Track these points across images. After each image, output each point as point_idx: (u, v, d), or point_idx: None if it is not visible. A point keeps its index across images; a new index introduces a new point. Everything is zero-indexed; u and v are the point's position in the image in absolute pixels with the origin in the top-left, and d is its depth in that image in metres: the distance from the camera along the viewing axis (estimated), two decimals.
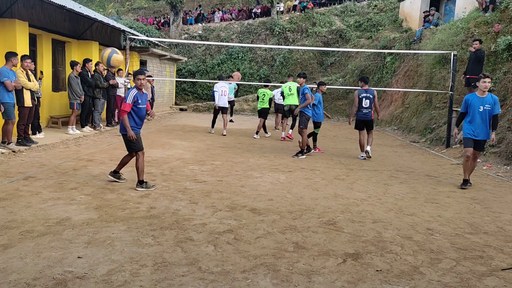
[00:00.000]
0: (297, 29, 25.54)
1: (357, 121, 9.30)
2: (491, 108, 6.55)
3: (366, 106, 9.05)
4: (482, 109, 6.57)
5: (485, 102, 6.58)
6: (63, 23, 11.93)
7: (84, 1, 37.65)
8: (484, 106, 6.56)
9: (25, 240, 3.75)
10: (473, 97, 6.73)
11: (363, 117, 9.16)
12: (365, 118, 9.14)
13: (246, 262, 3.49)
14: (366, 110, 9.06)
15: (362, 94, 9.10)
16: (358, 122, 9.28)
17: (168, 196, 5.45)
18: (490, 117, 6.60)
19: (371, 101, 9.07)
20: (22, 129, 8.32)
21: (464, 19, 14.01)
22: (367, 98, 9.05)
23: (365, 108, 9.06)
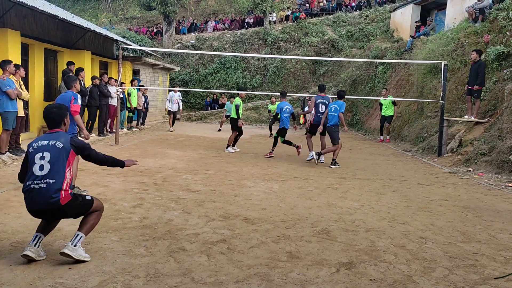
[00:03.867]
0: (289, 38, 25.73)
1: (312, 125, 9.82)
2: None
3: (323, 111, 9.54)
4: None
5: None
6: (56, 33, 11.92)
7: (76, 10, 37.72)
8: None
9: (16, 251, 3.69)
10: None
11: (319, 121, 9.61)
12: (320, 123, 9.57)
13: (239, 272, 3.47)
14: (322, 114, 9.54)
15: (318, 99, 9.68)
16: (313, 126, 9.80)
17: (160, 206, 5.41)
18: None
19: (327, 107, 9.50)
20: (13, 139, 8.25)
21: (454, 29, 14.21)
22: (323, 103, 9.58)
23: (321, 113, 9.57)
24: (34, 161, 3.42)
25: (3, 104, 7.55)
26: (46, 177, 3.36)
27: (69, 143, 3.52)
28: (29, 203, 3.43)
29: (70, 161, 3.50)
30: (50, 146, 3.46)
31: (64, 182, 3.41)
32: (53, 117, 3.63)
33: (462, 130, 10.83)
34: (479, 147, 9.43)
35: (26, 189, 3.41)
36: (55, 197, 3.35)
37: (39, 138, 3.59)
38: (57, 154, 3.44)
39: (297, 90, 22.85)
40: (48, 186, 3.35)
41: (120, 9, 39.09)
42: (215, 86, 24.16)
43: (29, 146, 3.53)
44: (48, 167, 3.38)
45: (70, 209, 3.47)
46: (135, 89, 14.49)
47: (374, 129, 17.34)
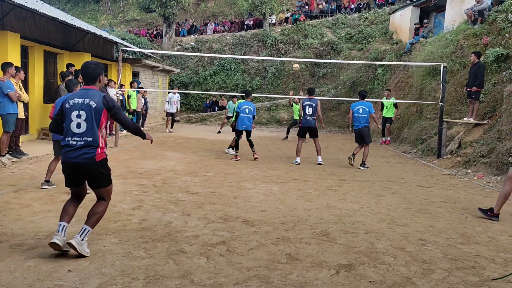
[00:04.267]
0: (289, 41, 25.76)
1: (300, 128, 9.94)
2: None
3: (310, 114, 9.67)
4: None
5: None
6: (55, 35, 11.94)
7: (76, 13, 37.78)
8: None
9: (15, 253, 3.69)
10: None
11: (306, 123, 9.75)
12: (308, 125, 9.73)
13: (239, 274, 3.47)
14: (310, 117, 9.69)
15: (305, 102, 9.79)
16: (301, 128, 9.91)
17: (160, 208, 5.41)
18: None
19: (314, 109, 9.66)
20: (13, 141, 8.26)
21: (453, 31, 14.23)
22: (310, 106, 9.68)
23: (308, 115, 9.70)
24: (71, 118, 3.60)
25: (4, 107, 7.56)
26: (84, 135, 3.57)
27: (102, 102, 3.62)
28: (67, 157, 3.61)
29: (103, 121, 3.67)
30: (85, 104, 3.59)
31: (99, 140, 3.62)
32: (90, 72, 3.73)
33: (462, 132, 10.85)
34: (479, 148, 9.44)
35: (65, 144, 3.62)
36: (91, 152, 3.58)
37: (75, 94, 3.70)
38: (91, 113, 3.59)
39: (296, 92, 22.85)
40: (85, 143, 3.57)
41: (119, 11, 39.16)
42: (214, 88, 24.18)
43: (66, 102, 3.66)
44: (84, 125, 3.57)
45: (99, 170, 3.67)
46: (134, 91, 14.49)
47: (374, 131, 17.34)
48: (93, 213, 3.75)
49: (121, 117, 3.80)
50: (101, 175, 3.72)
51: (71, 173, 3.71)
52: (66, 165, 3.68)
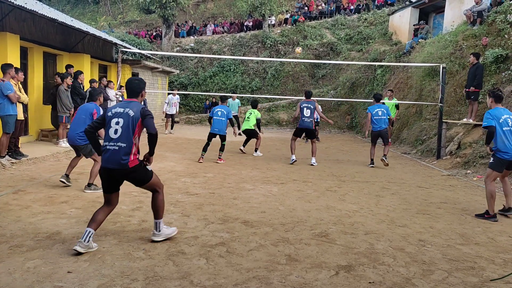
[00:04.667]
0: (288, 42, 25.79)
1: (297, 128, 9.98)
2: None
3: (307, 115, 9.74)
4: None
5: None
6: (55, 36, 11.93)
7: (76, 14, 37.80)
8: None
9: (14, 255, 3.69)
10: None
11: (304, 125, 9.80)
12: (306, 126, 9.81)
13: (238, 275, 3.47)
14: (307, 119, 9.76)
15: (303, 104, 9.84)
16: (298, 129, 9.96)
17: None
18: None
19: (311, 111, 9.75)
20: (12, 142, 8.25)
21: (453, 32, 14.24)
22: (308, 108, 9.77)
23: (306, 116, 9.76)
24: (110, 125, 3.87)
25: (4, 108, 7.56)
26: (119, 141, 3.80)
27: (139, 112, 3.87)
28: (105, 161, 3.85)
29: (137, 129, 3.88)
30: (124, 113, 3.86)
31: (132, 147, 3.83)
32: (134, 87, 4.05)
33: (461, 133, 10.85)
34: (478, 149, 9.44)
35: (104, 149, 3.87)
36: (125, 159, 3.79)
37: (117, 104, 3.99)
38: (128, 121, 3.83)
39: (296, 93, 22.88)
40: (119, 149, 3.79)
41: (119, 12, 39.17)
42: (214, 89, 24.18)
43: (109, 111, 3.95)
44: (120, 132, 3.81)
45: (135, 173, 3.89)
46: None
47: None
48: (154, 207, 4.09)
49: (150, 122, 3.94)
50: (138, 176, 3.95)
51: (108, 178, 3.91)
52: (104, 170, 3.89)
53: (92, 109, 6.08)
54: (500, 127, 5.49)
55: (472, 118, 10.52)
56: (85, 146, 6.17)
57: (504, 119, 5.51)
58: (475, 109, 10.50)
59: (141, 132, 3.96)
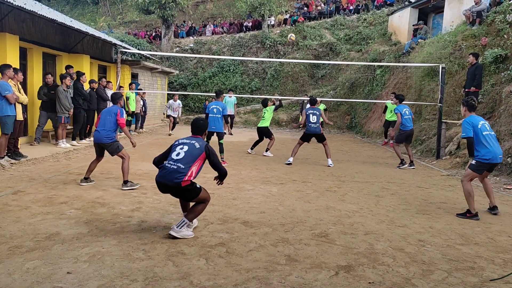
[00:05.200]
0: (288, 42, 25.77)
1: (305, 134, 10.09)
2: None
3: (314, 121, 9.91)
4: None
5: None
6: (54, 37, 11.93)
7: (75, 14, 37.78)
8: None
9: (14, 255, 3.69)
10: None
11: (312, 130, 9.93)
12: (314, 131, 9.94)
13: (238, 276, 3.47)
14: (314, 124, 9.91)
15: (309, 111, 10.04)
16: (306, 135, 10.08)
17: (159, 210, 5.41)
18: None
19: (317, 117, 9.92)
20: (12, 143, 8.25)
21: (452, 32, 14.26)
22: (314, 114, 9.95)
23: (312, 123, 9.91)
24: (175, 149, 4.41)
25: (2, 108, 7.56)
26: (178, 162, 4.26)
27: (204, 147, 4.43)
28: (160, 177, 4.29)
29: (198, 160, 4.37)
30: (190, 143, 4.43)
31: (189, 171, 4.25)
32: (199, 126, 4.62)
33: (460, 133, 10.85)
34: None
35: (162, 166, 4.35)
36: (179, 178, 4.18)
37: (184, 138, 4.57)
38: (192, 150, 4.36)
39: (295, 93, 22.88)
40: (177, 168, 4.22)
41: (118, 13, 39.15)
42: (213, 89, 24.16)
43: (177, 141, 4.53)
44: (182, 155, 4.30)
45: (186, 192, 4.28)
46: (133, 93, 14.49)
47: (373, 132, 17.37)
48: (193, 210, 4.38)
49: (217, 162, 4.51)
50: (188, 194, 4.33)
51: (162, 190, 4.38)
52: (159, 183, 4.33)
53: (116, 110, 6.63)
54: (480, 132, 5.64)
55: None
56: (111, 144, 6.56)
57: (481, 124, 5.70)
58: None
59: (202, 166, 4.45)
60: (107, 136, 6.52)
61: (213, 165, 4.49)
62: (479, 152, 5.66)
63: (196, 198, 4.36)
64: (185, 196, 4.36)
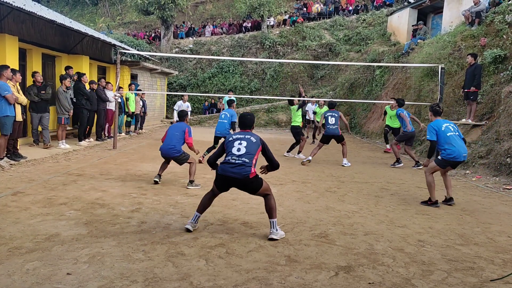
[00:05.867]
0: (287, 43, 25.80)
1: (324, 136, 10.31)
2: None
3: (332, 123, 10.17)
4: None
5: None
6: (53, 38, 11.93)
7: (74, 15, 37.78)
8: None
9: (13, 256, 3.69)
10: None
11: (330, 132, 10.17)
12: (333, 133, 10.15)
13: (238, 276, 3.47)
14: (333, 126, 10.15)
15: (328, 113, 10.35)
16: (325, 136, 10.28)
17: (159, 211, 5.41)
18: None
19: (336, 119, 10.17)
20: (11, 144, 8.24)
21: (451, 33, 14.27)
22: (333, 116, 10.23)
23: (331, 124, 10.17)
24: (233, 145, 4.54)
25: (2, 109, 7.56)
26: (242, 157, 4.42)
27: (259, 141, 4.60)
28: (226, 171, 4.41)
29: (257, 153, 4.55)
30: (246, 138, 4.58)
31: (252, 164, 4.44)
32: (247, 121, 4.78)
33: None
34: (477, 149, 9.46)
35: (225, 162, 4.46)
36: (247, 171, 4.37)
37: (236, 133, 4.70)
38: (250, 144, 4.53)
39: (295, 94, 22.87)
40: (243, 162, 4.39)
41: (118, 14, 39.16)
42: (213, 90, 24.19)
43: (228, 138, 4.68)
44: (243, 150, 4.46)
45: (252, 183, 4.43)
46: (133, 93, 14.49)
47: (372, 133, 17.37)
48: (268, 208, 4.51)
49: (271, 155, 4.67)
50: (253, 185, 4.47)
51: (224, 183, 4.51)
52: (222, 177, 4.46)
53: (185, 127, 7.14)
54: (444, 134, 6.20)
55: (470, 118, 10.54)
56: (180, 156, 7.07)
57: (445, 126, 6.27)
58: (474, 109, 10.52)
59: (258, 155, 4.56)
60: (176, 151, 7.01)
61: (267, 157, 4.65)
62: (445, 151, 6.19)
63: (261, 189, 4.49)
64: (251, 187, 4.48)
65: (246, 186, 4.47)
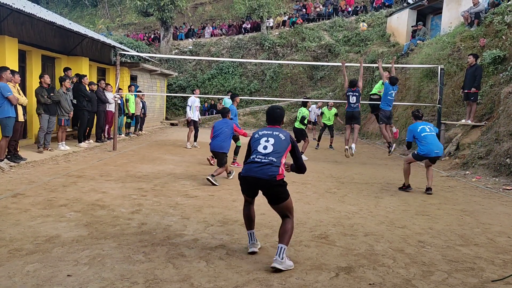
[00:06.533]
0: (286, 44, 25.82)
1: (346, 116, 10.46)
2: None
3: (353, 102, 10.26)
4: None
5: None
6: (53, 39, 11.94)
7: (74, 17, 37.79)
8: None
9: (14, 258, 3.68)
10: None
11: (350, 109, 10.25)
12: (352, 111, 10.27)
13: (238, 278, 3.47)
14: (354, 104, 10.27)
15: (349, 92, 10.32)
16: (347, 117, 10.43)
17: (159, 212, 5.41)
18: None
19: (357, 98, 10.22)
20: (13, 145, 8.24)
21: (450, 33, 14.29)
22: (354, 95, 10.23)
23: (352, 103, 10.27)
24: (259, 142, 4.03)
25: (4, 110, 7.56)
26: (269, 156, 3.90)
27: (289, 138, 4.06)
28: (250, 171, 3.90)
29: (286, 152, 4.01)
30: (274, 135, 4.05)
31: (280, 164, 3.89)
32: (276, 116, 4.20)
33: (459, 134, 10.87)
34: (476, 150, 9.46)
35: (250, 161, 3.97)
36: (274, 171, 3.81)
37: (263, 129, 4.19)
38: (279, 142, 3.98)
39: (294, 95, 22.91)
40: (270, 162, 3.86)
41: (117, 15, 39.18)
42: (212, 91, 24.20)
43: (254, 134, 4.17)
44: (271, 149, 3.94)
45: (278, 188, 3.85)
46: (132, 95, 14.50)
47: (372, 133, 17.38)
48: (283, 232, 3.82)
49: (298, 155, 4.16)
50: (278, 191, 3.88)
51: (249, 186, 4.00)
52: (246, 179, 3.95)
53: (231, 123, 7.71)
54: (419, 134, 7.29)
55: (470, 119, 10.55)
56: (224, 155, 7.52)
57: (420, 128, 7.33)
58: (474, 110, 10.53)
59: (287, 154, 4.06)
60: (226, 147, 7.57)
61: (295, 157, 4.14)
62: (419, 148, 7.31)
63: (285, 203, 3.89)
64: (276, 193, 3.87)
65: (270, 190, 3.87)
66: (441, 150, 7.35)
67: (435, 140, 7.25)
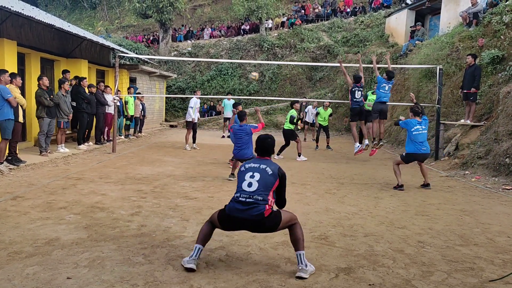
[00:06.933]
0: (285, 45, 25.82)
1: (352, 112, 10.68)
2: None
3: (358, 97, 10.40)
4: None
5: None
6: (52, 42, 11.94)
7: (73, 19, 37.80)
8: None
9: (13, 261, 3.68)
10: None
11: (356, 105, 10.39)
12: (360, 106, 10.43)
13: (238, 279, 3.47)
14: (359, 99, 10.42)
15: (355, 87, 10.41)
16: (353, 113, 10.62)
17: (159, 214, 5.41)
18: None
19: (362, 93, 10.46)
20: (13, 147, 8.24)
21: (449, 34, 14.30)
22: (359, 90, 10.41)
23: (357, 97, 10.40)
24: (243, 178, 3.78)
25: (4, 112, 7.56)
26: (254, 194, 3.65)
27: (277, 173, 3.79)
28: (233, 211, 3.66)
29: (273, 188, 3.76)
30: (260, 169, 3.78)
31: (268, 201, 3.67)
32: (267, 147, 3.98)
33: (459, 134, 10.88)
34: (476, 150, 9.47)
35: (234, 199, 3.72)
36: (261, 209, 3.60)
37: (251, 161, 3.95)
38: (265, 178, 3.73)
39: (294, 96, 22.90)
40: (255, 202, 3.62)
41: (116, 17, 39.19)
42: (212, 93, 24.19)
43: (241, 167, 3.94)
44: (255, 186, 3.69)
45: (269, 220, 3.65)
46: (131, 97, 14.50)
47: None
48: (294, 239, 3.75)
49: (284, 191, 3.90)
50: (271, 222, 3.69)
51: (233, 225, 3.76)
52: (230, 219, 3.71)
53: (249, 128, 7.91)
54: (410, 132, 7.56)
55: (469, 119, 10.55)
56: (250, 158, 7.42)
57: (415, 128, 7.57)
58: (473, 110, 10.53)
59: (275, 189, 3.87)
60: (249, 152, 7.73)
61: (279, 194, 3.88)
62: (407, 146, 7.67)
63: (281, 223, 3.71)
64: (268, 228, 3.70)
65: (260, 227, 3.68)
66: (428, 148, 7.70)
67: (424, 138, 7.58)
